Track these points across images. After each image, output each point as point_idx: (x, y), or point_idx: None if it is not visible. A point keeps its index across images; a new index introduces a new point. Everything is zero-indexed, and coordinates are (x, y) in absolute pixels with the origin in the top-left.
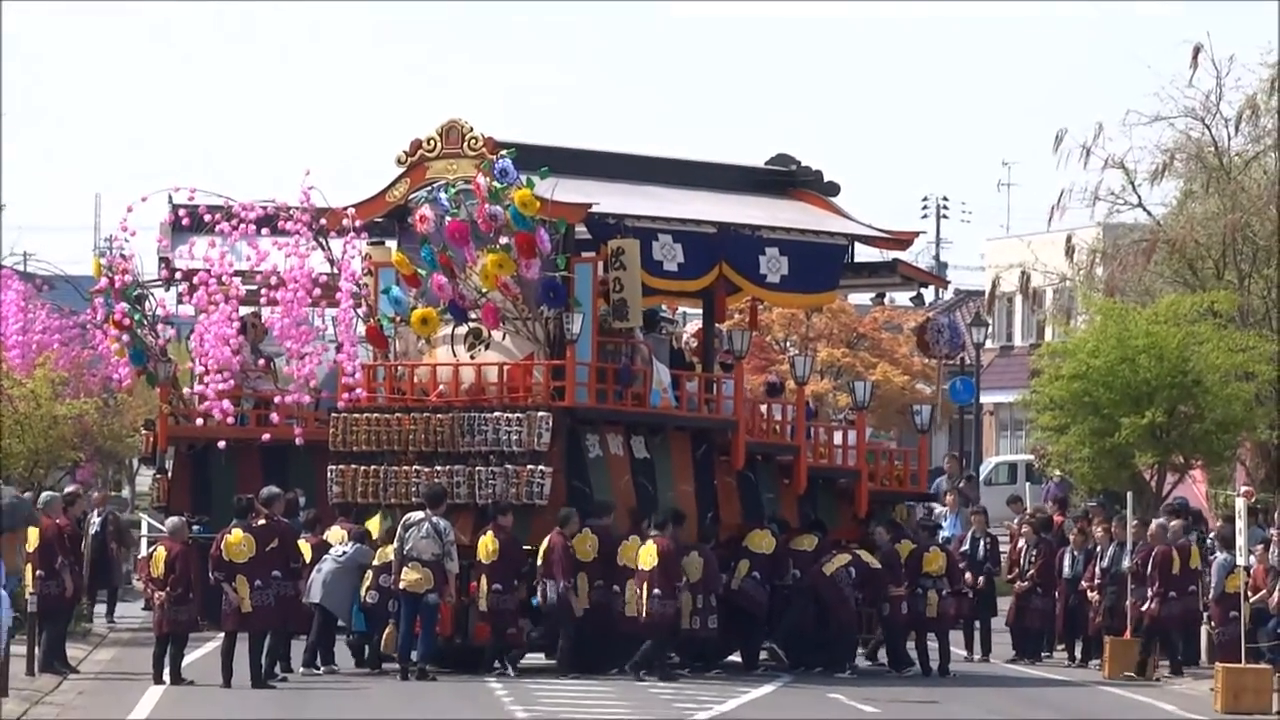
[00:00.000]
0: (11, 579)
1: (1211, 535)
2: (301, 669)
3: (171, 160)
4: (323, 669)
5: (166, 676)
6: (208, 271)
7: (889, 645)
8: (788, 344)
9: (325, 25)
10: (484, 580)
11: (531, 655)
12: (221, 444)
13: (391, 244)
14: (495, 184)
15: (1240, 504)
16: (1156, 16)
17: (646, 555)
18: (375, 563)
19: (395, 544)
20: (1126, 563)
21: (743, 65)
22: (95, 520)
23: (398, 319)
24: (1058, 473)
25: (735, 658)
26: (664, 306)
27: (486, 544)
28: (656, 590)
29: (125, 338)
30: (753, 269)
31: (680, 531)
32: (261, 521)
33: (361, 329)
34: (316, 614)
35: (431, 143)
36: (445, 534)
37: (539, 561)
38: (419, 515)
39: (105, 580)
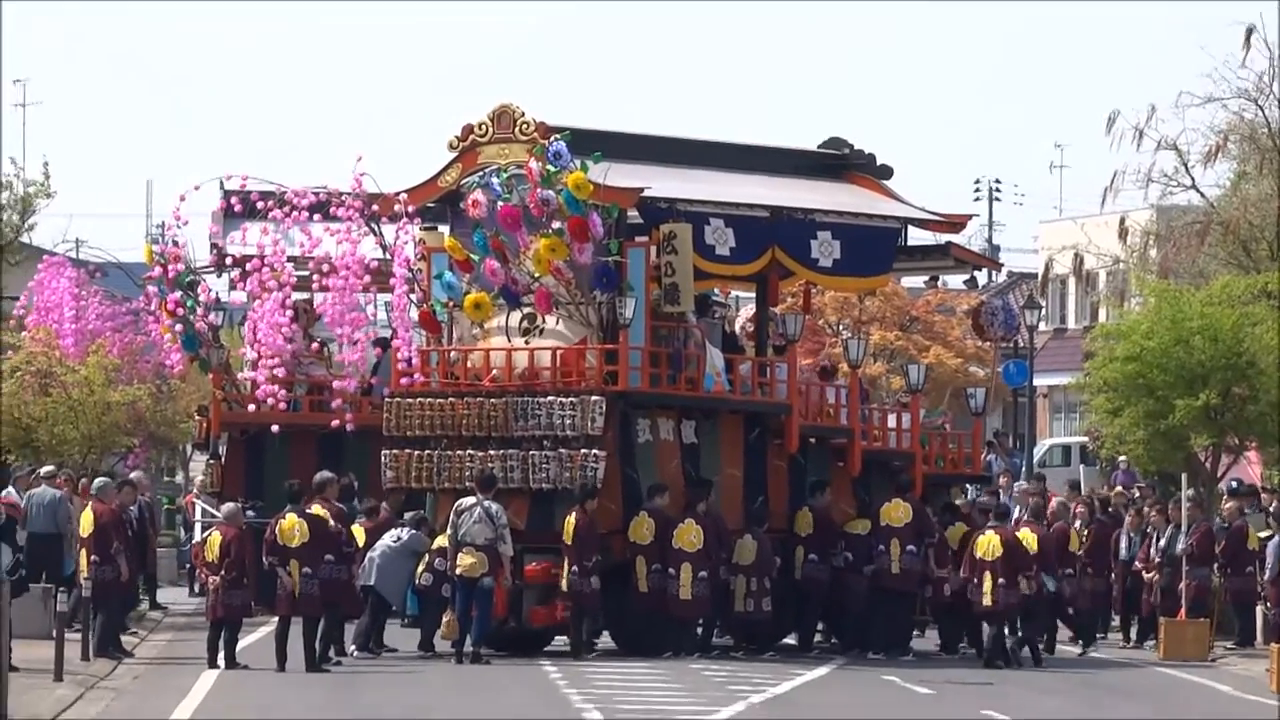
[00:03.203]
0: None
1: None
2: (355, 652)
3: (223, 146)
4: (376, 652)
5: (221, 661)
6: (260, 258)
7: (939, 627)
8: (841, 327)
9: (378, 9)
10: (567, 561)
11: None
12: (275, 429)
13: (444, 229)
14: (549, 168)
15: None
16: None
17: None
18: (432, 547)
19: (449, 530)
20: (1181, 545)
21: (795, 48)
22: (133, 508)
23: (451, 304)
24: (1124, 459)
25: (790, 640)
26: (716, 290)
27: (569, 525)
28: (574, 568)
29: (178, 325)
30: (805, 253)
31: (592, 504)
32: (315, 507)
33: (415, 314)
34: (370, 597)
35: (483, 127)
36: (497, 518)
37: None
38: (470, 500)
39: (142, 566)
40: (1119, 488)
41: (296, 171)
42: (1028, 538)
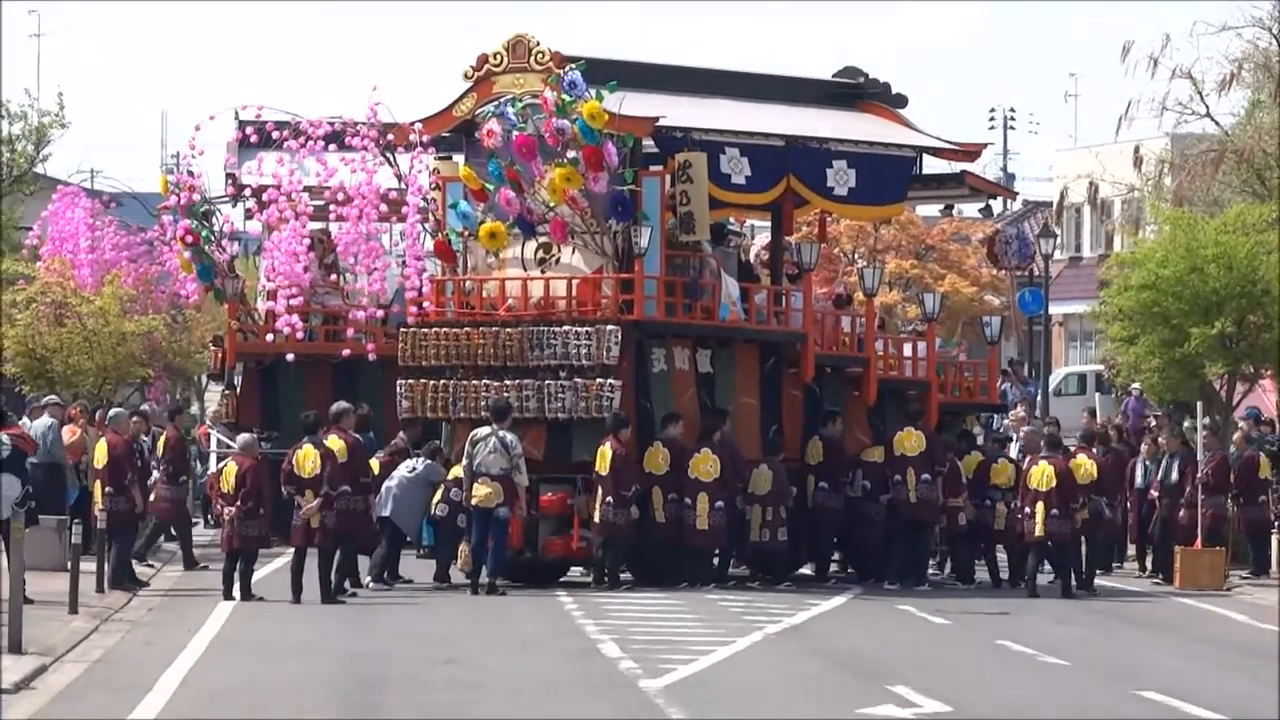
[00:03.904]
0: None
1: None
2: (371, 583)
3: (238, 76)
4: (391, 583)
5: (236, 592)
6: (276, 188)
7: (953, 557)
8: (856, 256)
9: None
10: (599, 492)
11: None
12: (290, 357)
13: (459, 159)
14: (564, 97)
15: None
16: None
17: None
18: (448, 478)
19: (464, 460)
20: (1175, 474)
21: None
22: (146, 439)
23: (466, 234)
24: (1137, 386)
25: (807, 570)
26: (732, 219)
27: (603, 455)
28: (609, 499)
29: (192, 255)
30: (820, 181)
31: (626, 434)
32: (332, 437)
33: (429, 244)
34: (386, 528)
35: (498, 57)
36: (513, 448)
37: (598, 471)
38: (486, 430)
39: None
40: (1128, 414)
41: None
42: (1085, 465)
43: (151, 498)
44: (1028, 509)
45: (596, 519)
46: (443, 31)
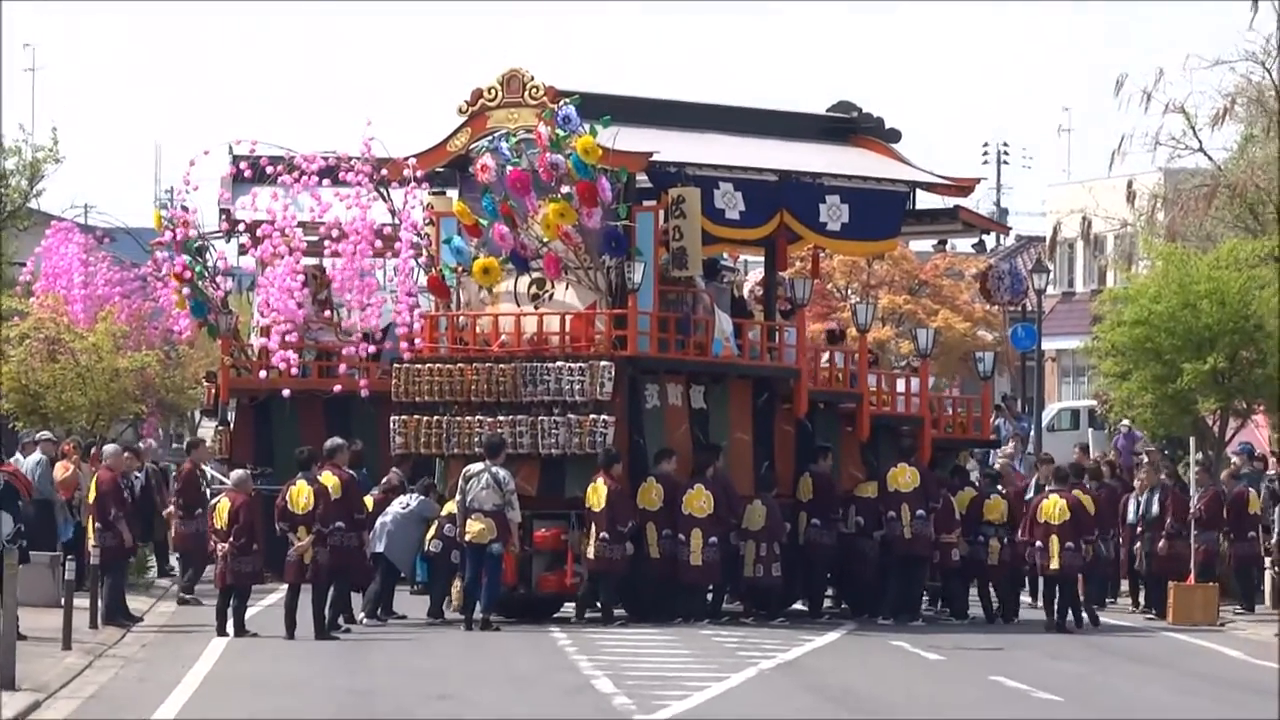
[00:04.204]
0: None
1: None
2: (364, 619)
3: (232, 111)
4: (385, 619)
5: (230, 628)
6: (270, 223)
7: (947, 592)
8: (849, 291)
9: None
10: (593, 528)
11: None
12: (286, 393)
13: (453, 194)
14: (558, 132)
15: None
16: None
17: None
18: (441, 514)
19: (457, 496)
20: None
21: (804, 12)
22: (139, 475)
23: (460, 269)
24: (1125, 423)
25: (800, 606)
26: (725, 255)
27: (597, 491)
28: (604, 534)
29: (186, 290)
30: (814, 217)
31: (618, 469)
32: (326, 473)
33: (423, 279)
34: (380, 564)
35: (493, 92)
36: (505, 484)
37: (591, 507)
38: (479, 466)
39: (149, 534)
40: (1116, 451)
41: (306, 136)
42: (1086, 501)
43: (171, 533)
44: (1039, 543)
45: (591, 555)
46: (437, 66)
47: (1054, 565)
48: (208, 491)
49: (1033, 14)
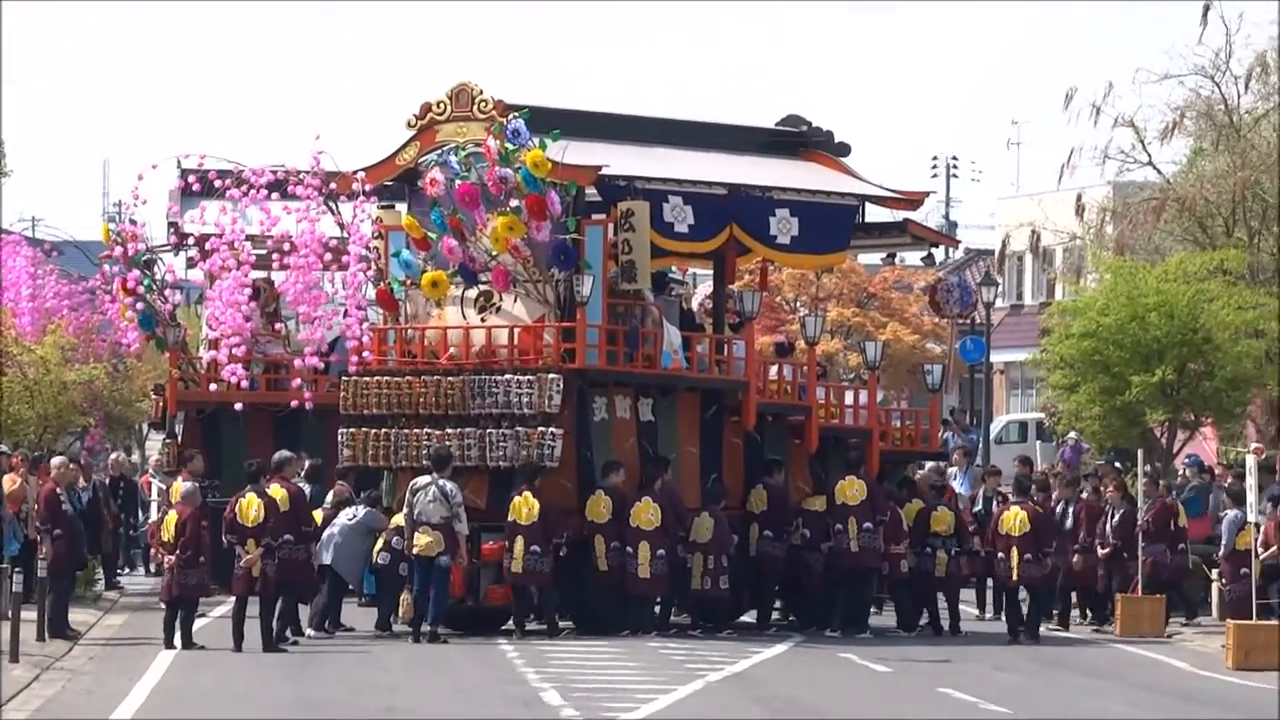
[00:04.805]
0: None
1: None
2: (311, 632)
3: (180, 124)
4: (332, 632)
5: (177, 641)
6: (219, 237)
7: (895, 605)
8: (798, 304)
9: None
10: (520, 541)
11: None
12: (239, 407)
13: (402, 207)
14: (507, 146)
15: (1251, 461)
16: None
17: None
18: (389, 526)
19: (405, 509)
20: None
21: (754, 25)
22: (85, 488)
23: (408, 282)
24: (1073, 435)
25: (748, 618)
26: (674, 268)
27: (523, 505)
28: (535, 547)
29: (136, 304)
30: (763, 230)
31: (539, 483)
32: (274, 486)
33: (372, 292)
34: (326, 576)
35: (441, 106)
36: (453, 496)
37: (518, 520)
38: (426, 479)
39: (96, 546)
40: (1062, 463)
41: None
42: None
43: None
44: (1001, 554)
45: (519, 569)
46: (386, 80)
47: (1014, 577)
48: (154, 505)
49: (982, 27)
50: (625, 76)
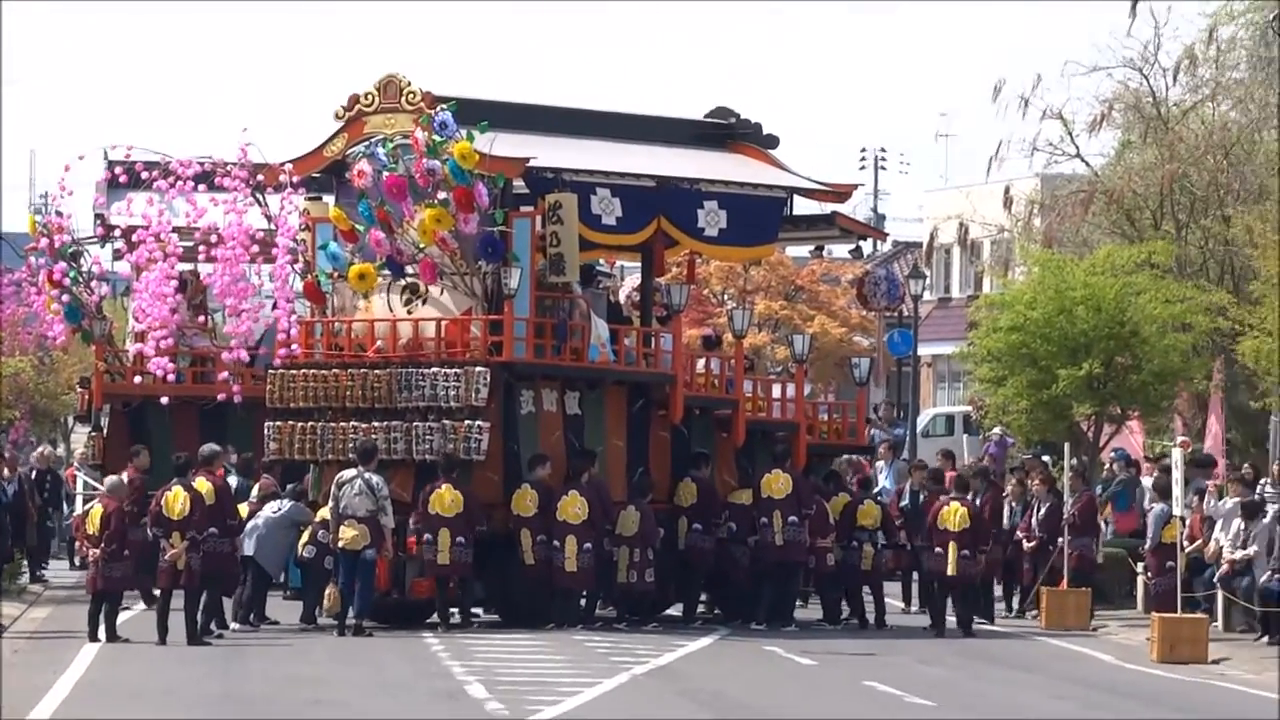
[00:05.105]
0: None
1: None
2: (235, 625)
3: (107, 116)
4: (258, 625)
5: (102, 634)
6: (145, 229)
7: (820, 598)
8: (726, 297)
9: None
10: (446, 534)
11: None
12: (165, 400)
13: (329, 199)
14: (434, 138)
15: (1177, 454)
16: None
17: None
18: (315, 520)
19: (330, 503)
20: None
21: (681, 16)
22: (11, 483)
23: (335, 274)
24: (997, 430)
25: (674, 611)
26: (602, 260)
27: (446, 496)
28: (460, 539)
29: (62, 296)
30: (691, 223)
31: (545, 475)
32: (200, 480)
33: (299, 285)
34: (249, 568)
35: (369, 98)
36: (379, 489)
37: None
38: (351, 473)
39: (21, 539)
40: (988, 458)
41: (181, 142)
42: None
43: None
44: (938, 549)
45: (446, 560)
46: (314, 72)
47: (950, 571)
48: (79, 498)
49: (909, 19)
50: (553, 69)
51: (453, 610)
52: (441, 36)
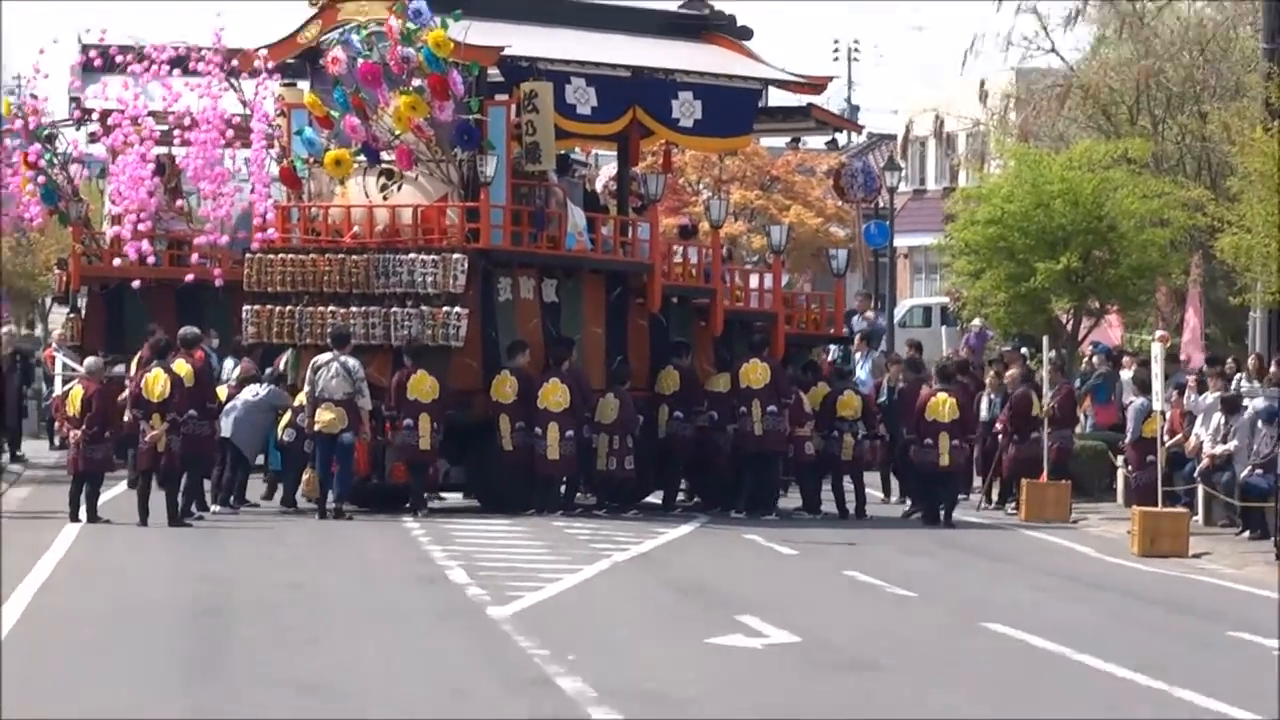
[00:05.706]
0: None
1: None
2: (215, 507)
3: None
4: (238, 508)
5: (83, 515)
6: (121, 112)
7: (800, 487)
8: (701, 187)
9: None
10: (426, 419)
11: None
12: (136, 284)
13: (304, 85)
14: (409, 25)
15: (1156, 348)
16: None
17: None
18: (294, 404)
19: (306, 387)
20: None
21: None
22: None
23: (311, 160)
24: (977, 322)
25: (654, 498)
26: (577, 149)
27: (424, 382)
28: (436, 424)
29: (38, 177)
30: (666, 113)
31: (524, 362)
32: (179, 362)
33: (275, 170)
34: (227, 450)
35: None
36: (355, 372)
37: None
38: (327, 356)
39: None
40: (966, 348)
41: (156, 26)
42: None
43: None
44: (929, 440)
45: (428, 445)
46: None
47: (944, 462)
48: (58, 379)
49: None
50: None
51: (430, 495)
52: None
